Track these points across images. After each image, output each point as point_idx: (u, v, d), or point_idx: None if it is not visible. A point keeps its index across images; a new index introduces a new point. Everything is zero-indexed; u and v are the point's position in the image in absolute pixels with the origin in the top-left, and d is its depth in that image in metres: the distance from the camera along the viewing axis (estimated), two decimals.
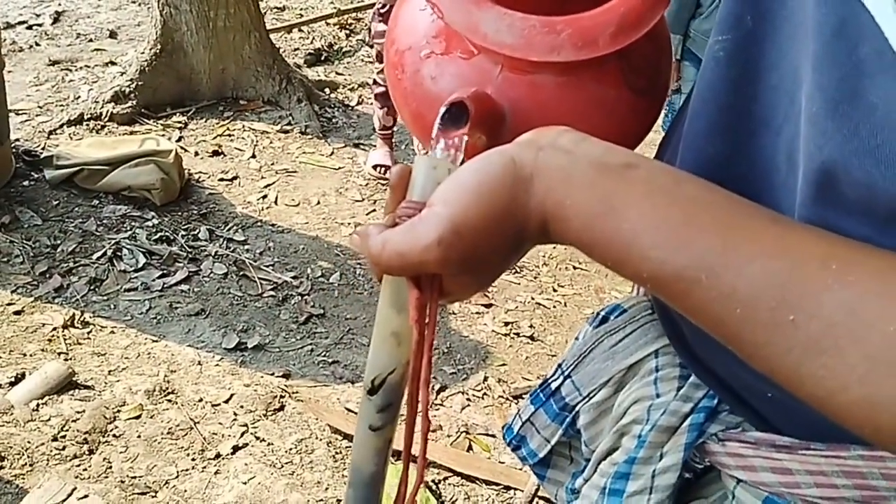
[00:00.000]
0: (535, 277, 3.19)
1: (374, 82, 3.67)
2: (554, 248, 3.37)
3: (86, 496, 1.86)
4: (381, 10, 3.43)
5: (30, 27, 4.80)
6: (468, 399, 2.57)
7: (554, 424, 0.91)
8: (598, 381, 0.85)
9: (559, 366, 0.91)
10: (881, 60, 0.44)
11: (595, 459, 0.85)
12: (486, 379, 2.65)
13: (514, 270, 3.20)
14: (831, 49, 0.48)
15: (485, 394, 2.60)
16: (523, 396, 2.36)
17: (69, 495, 1.82)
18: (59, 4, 5.16)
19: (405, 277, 0.55)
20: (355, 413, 2.38)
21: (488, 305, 3.00)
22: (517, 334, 2.87)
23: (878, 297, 0.41)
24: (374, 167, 3.68)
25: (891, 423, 0.40)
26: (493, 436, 2.43)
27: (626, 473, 0.80)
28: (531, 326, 2.91)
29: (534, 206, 0.51)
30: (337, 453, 2.26)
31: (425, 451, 0.60)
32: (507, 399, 2.58)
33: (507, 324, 2.92)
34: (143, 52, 3.97)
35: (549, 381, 0.92)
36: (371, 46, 3.94)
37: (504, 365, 2.72)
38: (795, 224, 0.46)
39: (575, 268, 3.28)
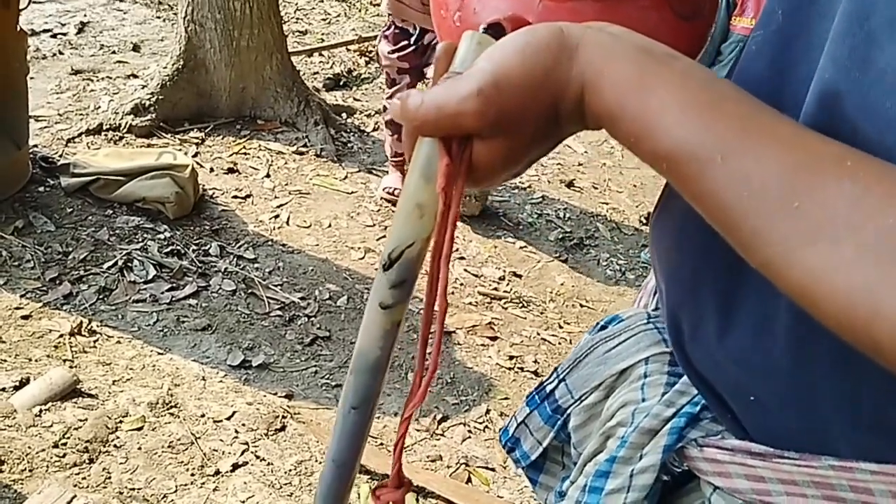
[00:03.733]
0: (542, 313, 3.20)
1: (385, 108, 3.69)
2: (562, 284, 3.38)
3: None
4: (387, 33, 3.48)
5: (54, 35, 4.86)
6: (469, 431, 2.56)
7: (546, 426, 0.94)
8: (590, 384, 0.88)
9: (555, 369, 0.94)
10: (891, 29, 0.48)
11: (581, 461, 0.87)
12: (488, 412, 2.65)
13: (520, 305, 3.20)
14: (846, 21, 0.52)
15: (486, 427, 2.59)
16: None
17: (69, 503, 1.82)
18: (85, 15, 5.22)
19: (437, 143, 0.55)
20: None
21: (494, 338, 3.00)
22: (521, 369, 2.87)
23: (883, 194, 0.42)
24: (385, 189, 3.70)
25: (867, 315, 0.41)
26: (493, 469, 2.42)
27: (606, 472, 0.82)
28: (535, 362, 2.91)
29: (574, 74, 0.52)
30: None
31: (441, 331, 0.60)
32: None
33: (511, 358, 2.92)
34: (165, 67, 4.01)
35: (545, 384, 0.95)
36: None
37: (507, 399, 2.72)
38: (815, 132, 0.47)
39: (582, 305, 3.29)
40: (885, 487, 0.63)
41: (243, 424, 2.37)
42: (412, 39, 3.41)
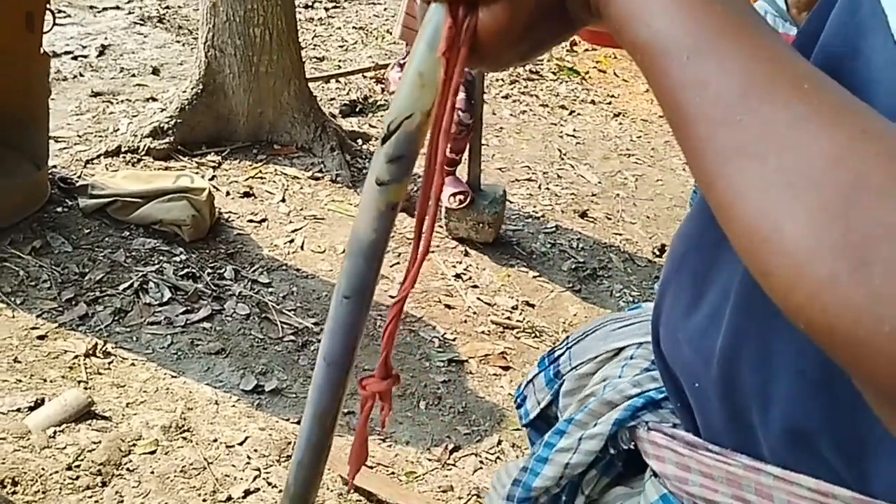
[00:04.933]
0: (555, 343, 3.19)
1: None
2: (575, 315, 3.38)
3: None
4: (401, 61, 3.56)
5: (75, 58, 4.91)
6: (481, 462, 2.55)
7: (546, 388, 1.01)
8: (587, 356, 0.96)
9: (567, 337, 1.02)
10: (874, 19, 0.51)
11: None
12: (499, 442, 2.64)
13: (533, 335, 3.20)
14: (842, 13, 0.55)
15: (498, 458, 2.58)
16: None
17: None
18: (106, 38, 5.28)
19: (444, 8, 0.55)
20: (368, 466, 2.37)
21: (506, 368, 3.00)
22: None
23: (825, 122, 0.40)
24: None
25: (763, 238, 0.40)
26: None
27: (562, 431, 0.87)
28: None
29: None
30: None
31: (436, 208, 0.60)
32: None
33: None
34: (184, 91, 4.05)
35: (556, 348, 1.03)
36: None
37: (519, 430, 2.71)
38: (797, 53, 0.45)
39: None
40: (785, 496, 0.65)
41: (255, 450, 2.37)
42: None
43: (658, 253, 3.97)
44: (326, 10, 6.58)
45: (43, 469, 2.13)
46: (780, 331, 0.61)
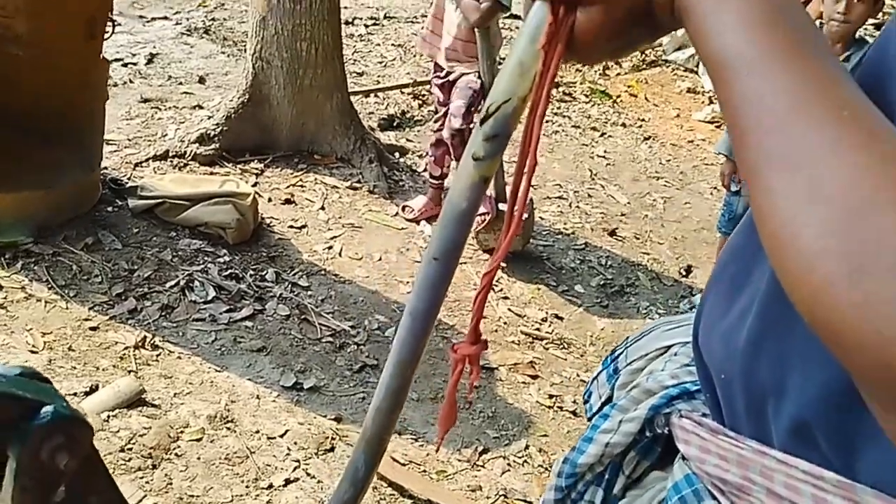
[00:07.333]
0: (582, 356, 3.28)
1: (435, 130, 3.99)
2: (602, 329, 3.47)
3: None
4: (439, 75, 3.82)
5: (125, 65, 5.10)
6: (509, 464, 2.65)
7: (606, 384, 1.11)
8: (640, 353, 1.05)
9: (627, 337, 1.12)
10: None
11: None
12: (527, 447, 2.73)
13: (561, 346, 3.29)
14: (874, 55, 0.62)
15: (525, 461, 2.68)
16: None
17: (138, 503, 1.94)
18: (154, 47, 5.47)
19: (546, 6, 0.63)
20: (402, 464, 2.48)
21: (534, 377, 3.09)
22: (560, 408, 2.96)
23: (853, 147, 0.45)
24: (406, 206, 4.01)
25: (784, 243, 0.46)
26: (531, 503, 2.50)
27: (606, 415, 0.98)
28: (574, 402, 2.99)
29: None
30: (381, 500, 2.35)
31: (529, 185, 0.69)
32: (546, 469, 2.65)
33: (551, 396, 3.00)
34: (231, 100, 4.21)
35: (617, 348, 1.13)
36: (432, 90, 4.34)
37: (545, 436, 2.80)
38: (847, 78, 0.50)
39: None
40: (784, 478, 0.72)
41: (295, 443, 2.48)
42: (442, 74, 3.80)
43: (684, 273, 4.05)
44: (367, 27, 6.75)
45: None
46: (795, 333, 0.69)
